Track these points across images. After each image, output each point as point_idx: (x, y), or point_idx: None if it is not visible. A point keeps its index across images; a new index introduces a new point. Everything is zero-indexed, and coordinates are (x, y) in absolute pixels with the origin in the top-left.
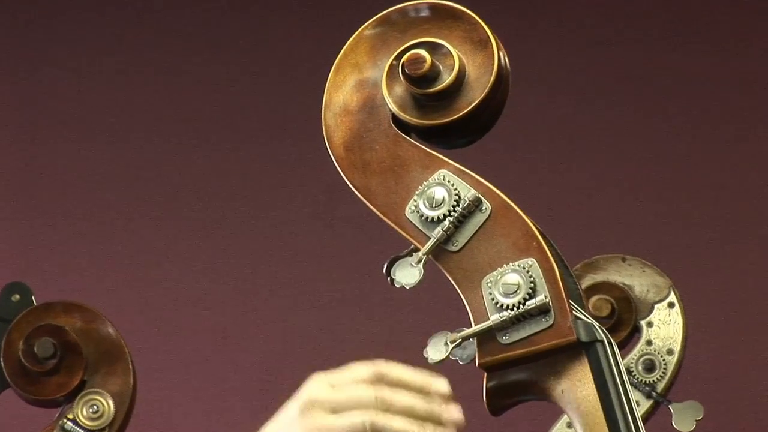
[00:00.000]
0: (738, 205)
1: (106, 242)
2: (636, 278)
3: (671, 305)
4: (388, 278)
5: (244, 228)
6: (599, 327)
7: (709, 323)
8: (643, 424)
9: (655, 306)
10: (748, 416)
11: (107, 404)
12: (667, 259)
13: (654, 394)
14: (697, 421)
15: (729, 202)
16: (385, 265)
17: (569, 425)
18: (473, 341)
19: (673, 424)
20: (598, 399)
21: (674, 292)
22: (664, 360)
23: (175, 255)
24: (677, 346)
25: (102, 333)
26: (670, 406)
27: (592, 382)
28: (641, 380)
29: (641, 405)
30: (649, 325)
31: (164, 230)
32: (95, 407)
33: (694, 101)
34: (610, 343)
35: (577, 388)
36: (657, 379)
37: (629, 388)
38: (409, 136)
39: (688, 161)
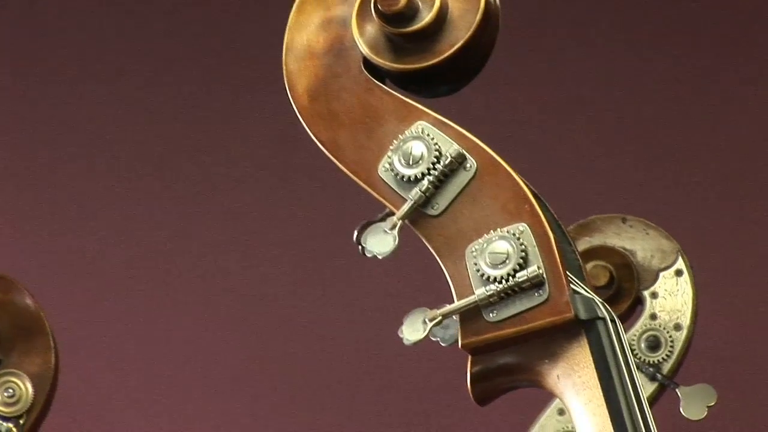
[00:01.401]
0: (757, 162)
1: (25, 206)
2: (638, 242)
3: (679, 273)
4: (359, 246)
5: (184, 183)
6: (601, 302)
7: (723, 294)
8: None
9: (661, 274)
10: (767, 401)
11: (25, 387)
12: (675, 220)
13: (659, 376)
14: (708, 407)
15: (746, 157)
16: (356, 232)
17: (561, 412)
18: (456, 319)
19: (681, 410)
20: (599, 386)
21: (683, 257)
22: (670, 336)
23: (104, 215)
24: (686, 321)
25: (19, 305)
26: (677, 390)
27: (593, 365)
28: (644, 360)
29: (644, 389)
30: (654, 296)
31: (93, 188)
32: (11, 391)
33: (704, 52)
34: (613, 320)
35: (575, 372)
36: (663, 358)
37: (635, 373)
38: (383, 83)
39: (703, 109)
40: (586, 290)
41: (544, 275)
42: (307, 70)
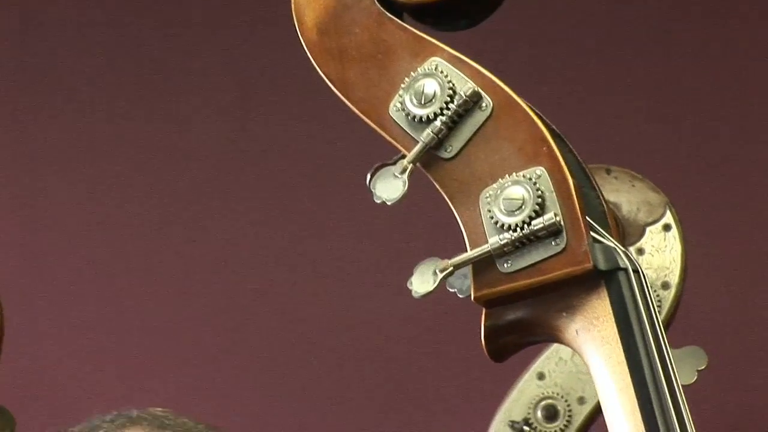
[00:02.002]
0: (751, 110)
1: None
2: (623, 194)
3: (667, 228)
4: (371, 191)
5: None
6: (623, 251)
7: (714, 250)
8: None
9: (648, 229)
10: (759, 365)
11: None
12: (663, 171)
13: None
14: (698, 370)
15: (740, 104)
16: (368, 176)
17: (541, 376)
18: (469, 270)
19: None
20: (619, 341)
21: (671, 211)
22: (658, 296)
23: (47, 169)
24: (674, 279)
25: None
26: None
27: (613, 319)
28: None
29: None
30: (640, 252)
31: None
32: None
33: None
34: (636, 271)
35: (594, 327)
36: None
37: (660, 328)
38: (400, 18)
39: (695, 54)
40: (608, 238)
41: (562, 223)
42: (317, 2)
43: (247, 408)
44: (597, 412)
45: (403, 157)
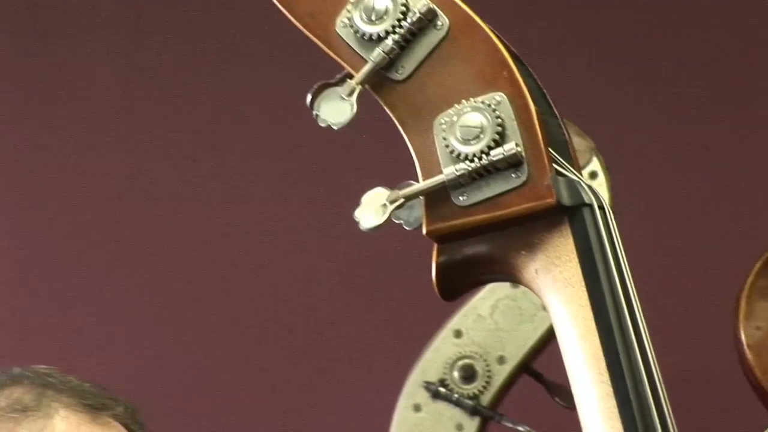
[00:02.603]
0: (685, 51)
1: None
2: None
3: (593, 175)
4: (314, 113)
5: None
6: (588, 186)
7: (643, 199)
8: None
9: None
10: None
11: None
12: (589, 115)
13: None
14: None
15: (672, 45)
16: (309, 96)
17: (458, 334)
18: (421, 201)
19: None
20: (583, 283)
21: (598, 158)
22: None
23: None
24: None
25: None
26: None
27: (576, 259)
28: None
29: None
30: None
31: None
32: None
33: None
34: (601, 207)
35: (556, 267)
36: None
37: (626, 269)
38: None
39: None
40: (572, 171)
41: (523, 153)
42: None
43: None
44: (518, 372)
45: (349, 76)
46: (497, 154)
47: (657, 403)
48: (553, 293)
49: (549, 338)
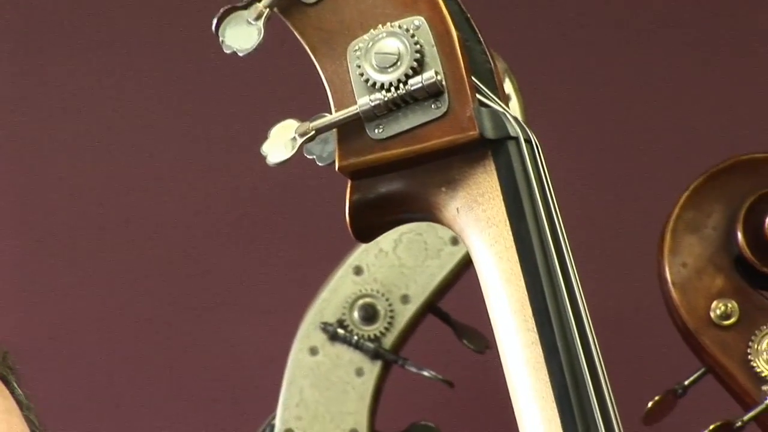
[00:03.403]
0: None
1: None
2: None
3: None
4: (219, 39)
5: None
6: (514, 117)
7: (557, 123)
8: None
9: None
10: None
11: None
12: (501, 33)
13: None
14: None
15: None
16: (215, 20)
17: (358, 271)
18: (333, 135)
19: None
20: (507, 223)
21: (511, 79)
22: None
23: None
24: None
25: None
26: None
27: (500, 197)
28: None
29: (460, 245)
30: None
31: None
32: None
33: None
34: (528, 141)
35: (478, 205)
36: None
37: (555, 208)
38: None
39: None
40: (496, 102)
41: (444, 83)
42: None
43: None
44: (423, 312)
45: (258, 0)
46: (415, 83)
47: (586, 350)
48: (476, 234)
49: (457, 276)
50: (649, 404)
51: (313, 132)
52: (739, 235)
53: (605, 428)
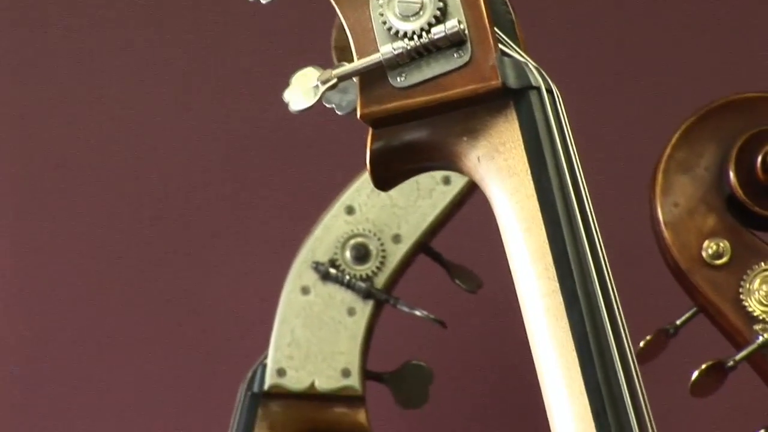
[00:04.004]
0: None
1: None
2: None
3: None
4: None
5: None
6: (536, 67)
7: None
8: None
9: None
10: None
11: None
12: None
13: None
14: None
15: None
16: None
17: (350, 210)
18: (355, 83)
19: None
20: (529, 172)
21: None
22: None
23: None
24: None
25: None
26: None
27: (522, 146)
28: None
29: (452, 183)
30: None
31: None
32: None
33: None
34: (549, 91)
35: (500, 154)
36: None
37: (576, 159)
38: None
39: None
40: (518, 52)
41: (466, 32)
42: None
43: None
44: (415, 252)
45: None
46: (438, 31)
47: (606, 299)
48: (497, 183)
49: (448, 215)
50: (641, 344)
51: (335, 80)
52: (731, 175)
53: (625, 375)
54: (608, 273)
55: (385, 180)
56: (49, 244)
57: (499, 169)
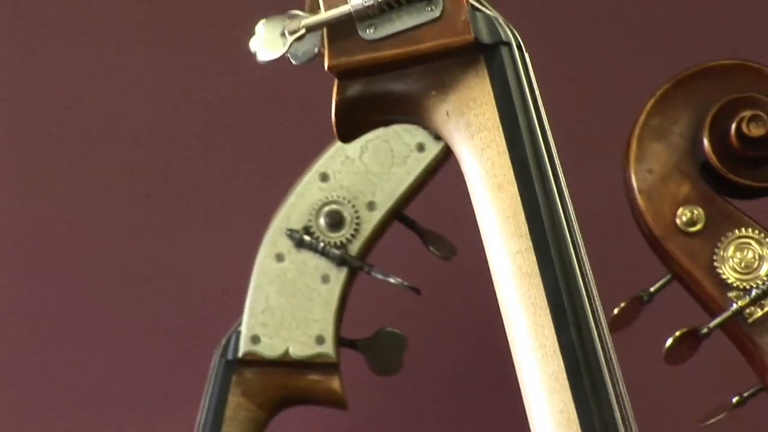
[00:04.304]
0: None
1: None
2: None
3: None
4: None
5: None
6: (506, 23)
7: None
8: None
9: None
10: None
11: None
12: None
13: None
14: None
15: None
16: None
17: (324, 177)
18: (316, 34)
19: None
20: (500, 127)
21: None
22: None
23: None
24: None
25: None
26: None
27: (493, 102)
28: None
29: (426, 150)
30: None
31: None
32: None
33: None
34: (520, 47)
35: (470, 110)
36: None
37: (545, 115)
38: None
39: None
40: (488, 7)
41: None
42: None
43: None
44: (389, 219)
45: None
46: None
47: (578, 258)
48: (466, 139)
49: (423, 182)
50: (615, 311)
51: (304, 30)
52: (706, 142)
53: (597, 334)
54: (578, 232)
55: (349, 131)
56: (22, 206)
57: (469, 124)
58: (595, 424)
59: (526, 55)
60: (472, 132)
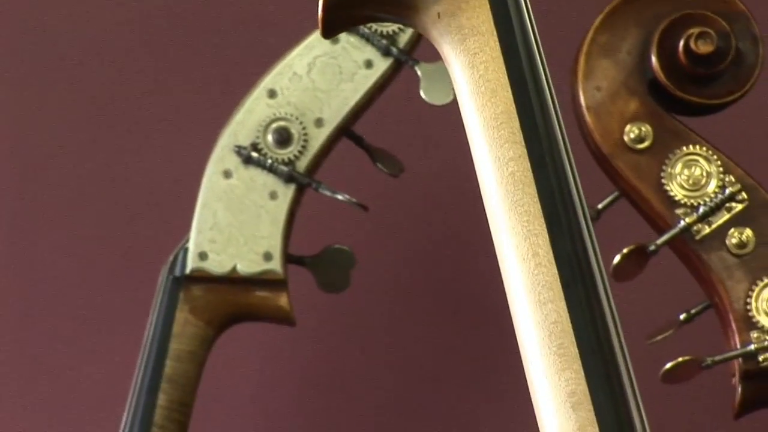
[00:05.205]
0: None
1: None
2: None
3: None
4: None
5: None
6: None
7: None
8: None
9: None
10: None
11: None
12: None
13: (393, 49)
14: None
15: None
16: None
17: (272, 94)
18: None
19: (422, 93)
20: (495, 31)
21: None
22: None
23: None
24: None
25: None
26: (416, 68)
27: (487, 5)
28: (374, 31)
29: (375, 67)
30: None
31: None
32: None
33: None
34: None
35: (463, 12)
36: (395, 31)
37: (534, 21)
38: None
39: None
40: None
41: None
42: None
43: None
44: (337, 136)
45: None
46: None
47: (570, 167)
48: (458, 42)
49: (370, 99)
50: None
51: None
52: (654, 59)
53: (591, 242)
54: (567, 140)
55: (334, 24)
56: None
57: (461, 27)
58: (590, 334)
59: None
60: (464, 35)
